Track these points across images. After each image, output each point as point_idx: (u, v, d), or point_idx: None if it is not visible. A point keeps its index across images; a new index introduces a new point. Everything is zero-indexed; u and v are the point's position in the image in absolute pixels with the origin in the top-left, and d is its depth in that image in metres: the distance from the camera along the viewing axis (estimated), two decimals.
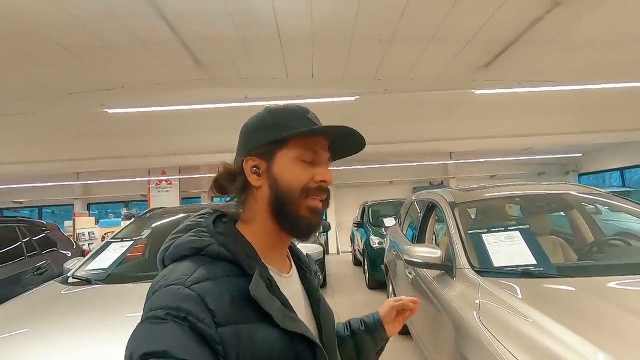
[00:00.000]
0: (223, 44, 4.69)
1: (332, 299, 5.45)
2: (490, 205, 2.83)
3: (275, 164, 0.65)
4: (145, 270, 2.59)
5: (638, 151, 9.92)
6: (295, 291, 0.70)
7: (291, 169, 0.64)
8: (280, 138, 0.64)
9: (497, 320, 1.45)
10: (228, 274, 0.58)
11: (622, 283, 1.57)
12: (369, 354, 0.89)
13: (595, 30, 4.52)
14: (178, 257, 0.61)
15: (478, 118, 6.90)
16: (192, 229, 0.65)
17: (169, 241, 0.65)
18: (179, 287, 0.53)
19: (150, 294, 0.56)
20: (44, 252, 4.29)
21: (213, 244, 0.60)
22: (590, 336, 1.16)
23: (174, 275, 0.56)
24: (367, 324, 0.90)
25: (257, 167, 0.66)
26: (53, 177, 10.39)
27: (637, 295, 1.52)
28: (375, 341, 0.89)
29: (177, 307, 0.51)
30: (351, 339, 0.88)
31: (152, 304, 0.53)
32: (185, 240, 0.62)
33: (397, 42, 4.72)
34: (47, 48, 4.36)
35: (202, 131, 6.76)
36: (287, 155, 0.65)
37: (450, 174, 12.50)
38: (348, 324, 0.91)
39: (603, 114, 6.89)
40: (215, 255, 0.59)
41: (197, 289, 0.53)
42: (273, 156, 0.65)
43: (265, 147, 0.65)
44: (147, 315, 0.52)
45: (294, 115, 0.68)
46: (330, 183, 0.67)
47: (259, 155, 0.66)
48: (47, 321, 1.76)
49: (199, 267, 0.57)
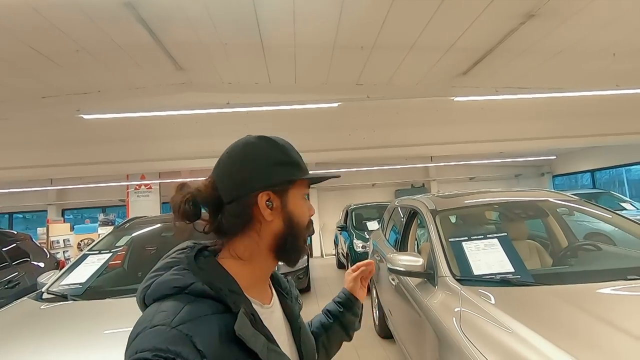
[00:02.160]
0: (204, 48, 4.63)
1: (316, 302, 5.45)
2: (469, 212, 2.91)
3: (289, 201, 0.68)
4: (125, 282, 2.53)
5: (607, 154, 10.42)
6: (277, 321, 0.70)
7: (301, 205, 0.70)
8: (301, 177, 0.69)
9: (477, 329, 1.49)
10: (213, 311, 0.57)
11: (594, 290, 1.64)
12: (353, 326, 0.97)
13: (567, 41, 4.72)
14: (160, 295, 0.59)
15: (456, 123, 7.08)
16: (172, 266, 0.63)
17: (150, 279, 0.63)
18: (166, 327, 0.52)
19: (134, 335, 0.54)
20: (15, 263, 4.11)
21: (196, 282, 0.59)
22: (563, 344, 1.22)
23: (159, 316, 0.55)
24: (342, 303, 0.97)
25: (271, 201, 0.66)
26: (25, 182, 9.97)
27: (607, 302, 1.60)
28: (355, 313, 0.97)
29: (166, 349, 0.50)
30: (337, 323, 0.95)
31: (137, 346, 0.52)
32: (167, 279, 0.60)
33: (378, 50, 4.79)
34: (20, 51, 4.19)
35: (183, 137, 6.65)
36: (298, 193, 0.70)
37: (432, 176, 12.74)
38: (327, 312, 0.97)
39: (574, 120, 7.20)
40: (199, 293, 0.58)
41: (184, 329, 0.52)
42: (287, 193, 0.68)
43: (282, 186, 0.68)
44: (133, 358, 0.51)
45: (297, 154, 0.72)
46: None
47: (274, 191, 0.66)
48: (20, 341, 1.69)
49: (184, 306, 0.56)
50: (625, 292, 1.64)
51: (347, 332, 0.95)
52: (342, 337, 0.95)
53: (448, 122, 7.04)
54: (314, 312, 0.97)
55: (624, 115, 7.10)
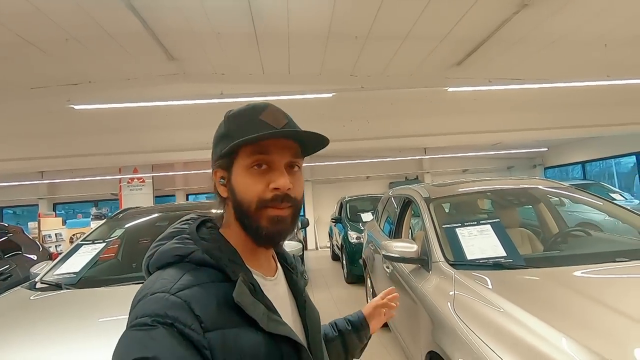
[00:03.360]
0: (196, 38, 4.58)
1: (311, 294, 5.46)
2: (463, 200, 2.94)
3: (232, 175, 0.64)
4: (119, 273, 2.51)
5: (598, 146, 10.56)
6: (281, 293, 0.70)
7: (243, 179, 0.63)
8: (229, 150, 0.62)
9: (471, 311, 1.52)
10: (212, 279, 0.58)
11: (584, 272, 1.67)
12: (354, 350, 0.95)
13: (559, 31, 4.74)
14: (162, 264, 0.61)
15: (450, 114, 7.10)
16: (175, 236, 0.65)
17: (153, 248, 0.65)
18: (165, 294, 0.53)
19: (135, 302, 0.56)
20: (7, 256, 4.08)
21: (196, 251, 0.61)
22: (555, 323, 1.24)
23: (159, 283, 0.56)
24: (352, 323, 0.95)
25: (223, 177, 0.66)
26: (14, 175, 9.82)
27: (597, 283, 1.63)
28: (360, 338, 0.95)
29: (164, 314, 0.51)
30: (339, 339, 0.93)
31: (138, 312, 0.53)
32: (169, 248, 0.62)
33: (372, 40, 4.77)
34: (7, 39, 4.10)
35: (176, 128, 6.58)
36: (240, 165, 0.63)
37: (425, 168, 12.81)
38: (335, 325, 0.96)
39: (567, 111, 7.27)
40: (199, 262, 0.60)
41: (182, 296, 0.53)
42: (231, 167, 0.64)
43: (222, 159, 0.65)
44: (134, 322, 0.52)
45: (244, 119, 0.65)
46: (285, 189, 0.62)
47: (221, 167, 0.66)
48: (15, 329, 1.67)
49: (184, 274, 0.57)
50: (614, 274, 1.68)
51: (346, 353, 0.93)
52: (339, 355, 0.93)
53: (442, 113, 7.07)
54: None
55: (615, 105, 7.19)
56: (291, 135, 0.64)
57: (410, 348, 2.26)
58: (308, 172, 11.91)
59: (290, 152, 0.64)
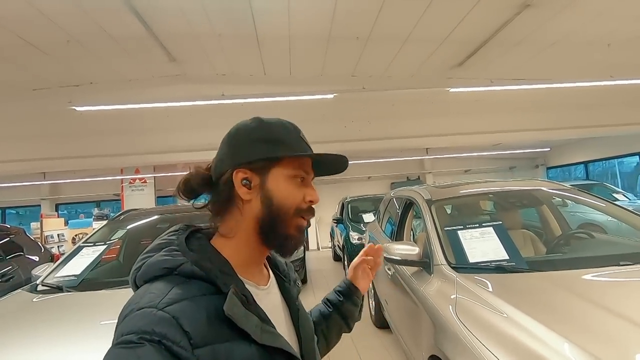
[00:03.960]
0: (198, 39, 4.58)
1: (312, 294, 5.48)
2: (465, 202, 2.92)
3: (269, 180, 0.64)
4: (120, 275, 2.51)
5: (600, 146, 10.51)
6: (274, 302, 0.69)
7: (286, 187, 0.64)
8: (280, 155, 0.64)
9: (472, 315, 1.50)
10: (203, 292, 0.56)
11: (587, 276, 1.66)
12: (353, 316, 0.96)
13: (561, 32, 4.72)
14: (150, 277, 0.59)
15: (452, 115, 7.08)
16: (163, 248, 0.62)
17: (141, 261, 0.62)
18: (152, 309, 0.51)
19: (122, 317, 0.54)
20: (9, 257, 4.09)
21: (186, 263, 0.58)
22: (558, 328, 1.23)
23: (147, 298, 0.54)
24: (342, 292, 0.95)
25: (248, 180, 0.64)
26: (17, 176, 9.85)
27: (600, 287, 1.62)
28: (355, 303, 0.95)
29: (152, 331, 0.49)
30: (336, 313, 0.93)
31: (123, 329, 0.51)
32: (157, 260, 0.60)
33: (373, 41, 4.76)
34: (9, 41, 4.12)
35: (177, 129, 6.58)
36: (282, 173, 0.64)
37: (427, 168, 12.78)
38: (327, 301, 0.96)
39: (568, 111, 7.23)
40: (189, 274, 0.58)
41: (170, 311, 0.51)
42: (267, 171, 0.64)
43: (261, 162, 0.64)
44: (119, 340, 0.50)
45: (289, 132, 0.67)
46: (316, 203, 0.68)
47: (251, 169, 0.64)
48: (16, 332, 1.68)
49: (173, 287, 0.55)
50: (617, 278, 1.66)
51: (346, 322, 0.94)
52: (341, 327, 0.94)
53: (443, 114, 7.04)
54: (310, 304, 0.94)
55: (618, 106, 7.15)
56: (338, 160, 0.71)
57: (412, 351, 2.25)
58: None
59: (314, 172, 0.72)
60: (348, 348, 3.42)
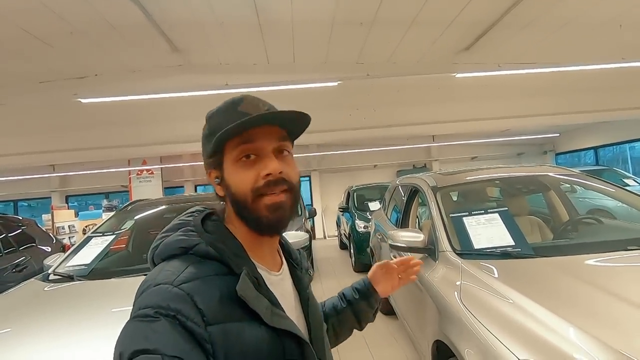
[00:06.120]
0: (200, 28, 4.54)
1: (319, 282, 5.53)
2: (470, 188, 2.90)
3: (225, 173, 0.64)
4: (129, 264, 2.56)
5: (611, 130, 10.29)
6: (285, 289, 0.70)
7: (235, 172, 0.63)
8: (215, 146, 0.62)
9: (477, 300, 1.51)
10: (216, 272, 0.58)
11: (594, 261, 1.65)
12: (366, 317, 0.96)
13: (571, 13, 4.58)
14: (167, 255, 0.61)
15: (459, 101, 6.97)
16: (180, 228, 0.65)
17: (158, 240, 0.65)
18: (168, 286, 0.54)
19: (139, 292, 0.56)
20: (22, 248, 4.18)
21: (201, 243, 0.61)
22: (563, 313, 1.23)
23: (163, 275, 0.56)
24: (359, 290, 0.95)
25: (218, 177, 0.66)
26: (27, 169, 10.00)
27: (607, 272, 1.61)
28: (370, 304, 0.95)
29: (167, 306, 0.51)
30: (349, 309, 0.94)
31: (141, 303, 0.53)
32: (174, 240, 0.62)
33: (378, 26, 4.67)
34: (13, 34, 4.12)
35: (182, 119, 6.56)
36: (229, 160, 0.63)
37: (433, 156, 12.68)
38: (342, 295, 0.96)
39: (579, 95, 7.07)
40: (203, 254, 0.60)
41: (186, 288, 0.53)
42: (222, 165, 0.65)
43: (213, 158, 0.65)
44: (137, 313, 0.52)
45: (223, 115, 0.64)
46: (276, 173, 0.61)
47: (214, 167, 0.66)
48: (29, 320, 1.72)
49: (188, 266, 0.57)
50: (624, 263, 1.65)
51: (358, 320, 0.94)
52: (353, 324, 0.95)
53: (450, 100, 6.93)
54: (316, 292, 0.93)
55: (630, 89, 6.97)
56: (269, 118, 0.62)
57: (417, 336, 2.27)
58: (315, 162, 11.90)
59: (275, 137, 0.63)
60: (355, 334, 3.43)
